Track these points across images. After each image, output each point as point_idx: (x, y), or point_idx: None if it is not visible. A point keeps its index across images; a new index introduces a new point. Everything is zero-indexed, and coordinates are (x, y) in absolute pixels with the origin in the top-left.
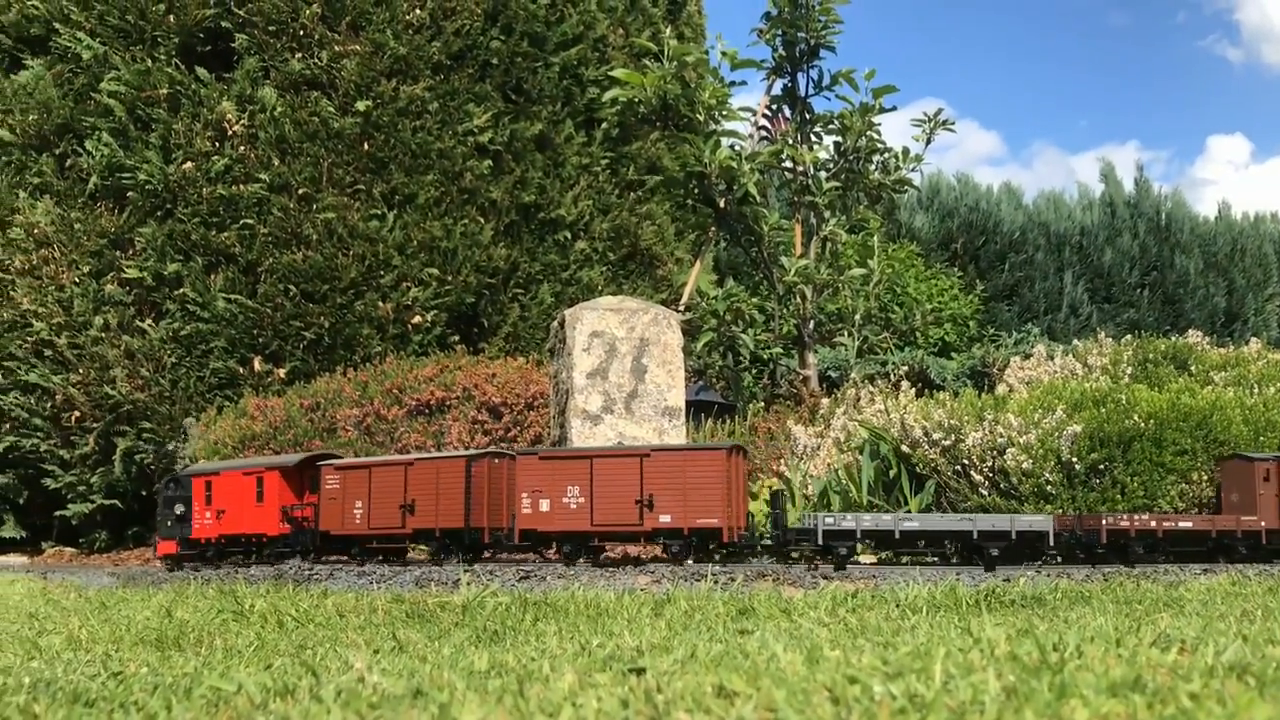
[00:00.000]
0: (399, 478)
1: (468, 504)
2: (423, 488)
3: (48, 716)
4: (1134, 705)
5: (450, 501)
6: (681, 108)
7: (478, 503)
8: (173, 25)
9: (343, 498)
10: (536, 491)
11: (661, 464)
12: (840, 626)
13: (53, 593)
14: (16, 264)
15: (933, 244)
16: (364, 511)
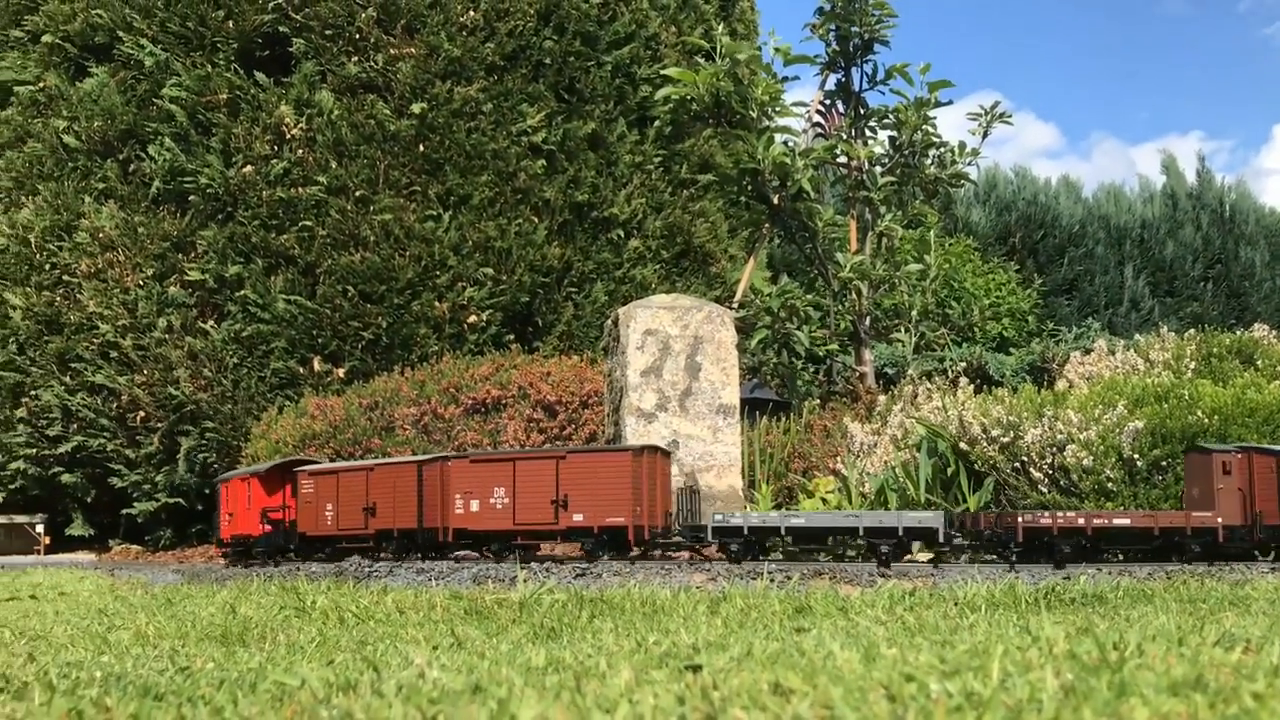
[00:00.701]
0: (362, 482)
1: (420, 506)
2: (382, 491)
3: (119, 710)
4: (1195, 705)
5: (405, 503)
6: (734, 104)
7: (430, 504)
8: (231, 31)
9: (316, 501)
10: (468, 493)
11: (575, 466)
12: (897, 625)
13: (120, 589)
14: (83, 267)
15: (990, 238)
16: (334, 514)
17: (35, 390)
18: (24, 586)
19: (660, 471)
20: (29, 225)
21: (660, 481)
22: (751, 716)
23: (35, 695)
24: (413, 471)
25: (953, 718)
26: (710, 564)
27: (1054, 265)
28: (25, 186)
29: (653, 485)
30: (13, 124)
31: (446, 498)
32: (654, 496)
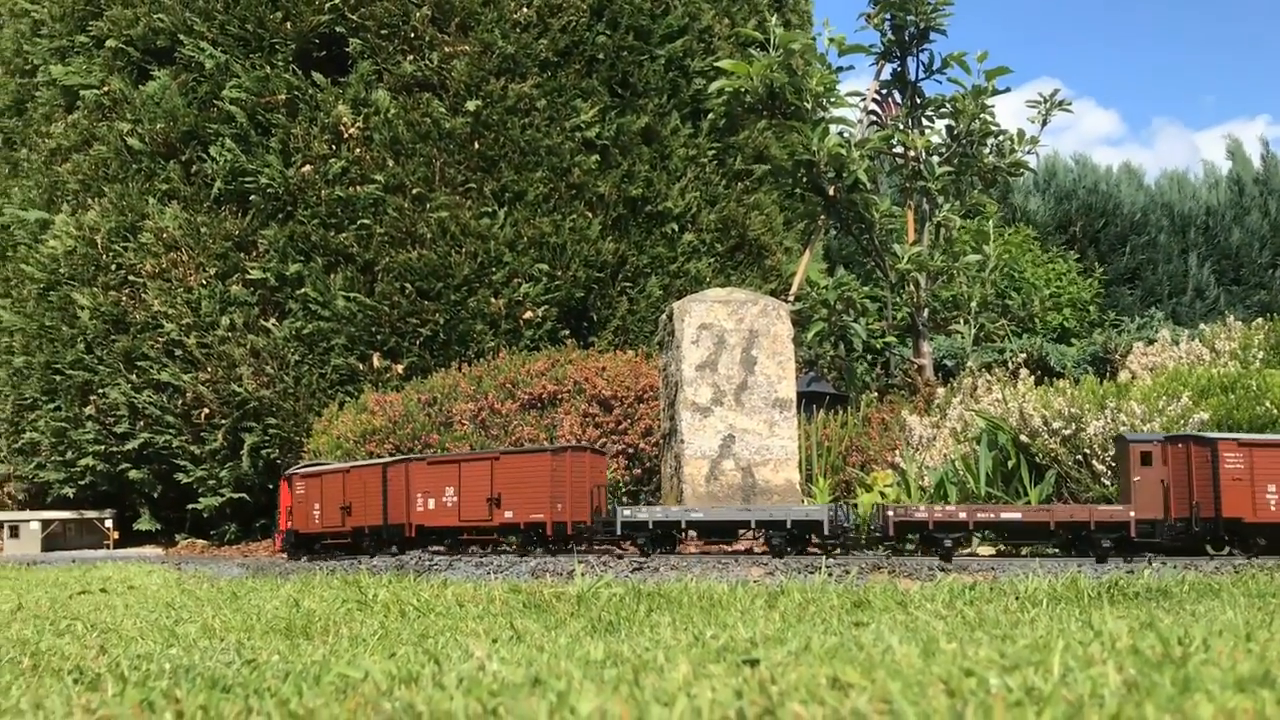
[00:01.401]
0: (340, 483)
1: (385, 504)
2: (356, 491)
3: (189, 701)
4: (1262, 701)
5: (374, 502)
6: (789, 96)
7: (395, 503)
8: (289, 32)
9: (306, 501)
10: (426, 492)
11: (506, 466)
12: (958, 619)
13: (187, 583)
14: (147, 267)
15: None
16: (320, 512)
17: (103, 388)
18: (95, 580)
19: (589, 469)
20: (95, 227)
21: (589, 478)
22: (809, 711)
23: (108, 686)
24: (379, 473)
25: (1012, 713)
26: (767, 559)
27: (1116, 254)
28: (91, 189)
29: (579, 482)
30: (79, 127)
31: (410, 496)
32: (578, 494)
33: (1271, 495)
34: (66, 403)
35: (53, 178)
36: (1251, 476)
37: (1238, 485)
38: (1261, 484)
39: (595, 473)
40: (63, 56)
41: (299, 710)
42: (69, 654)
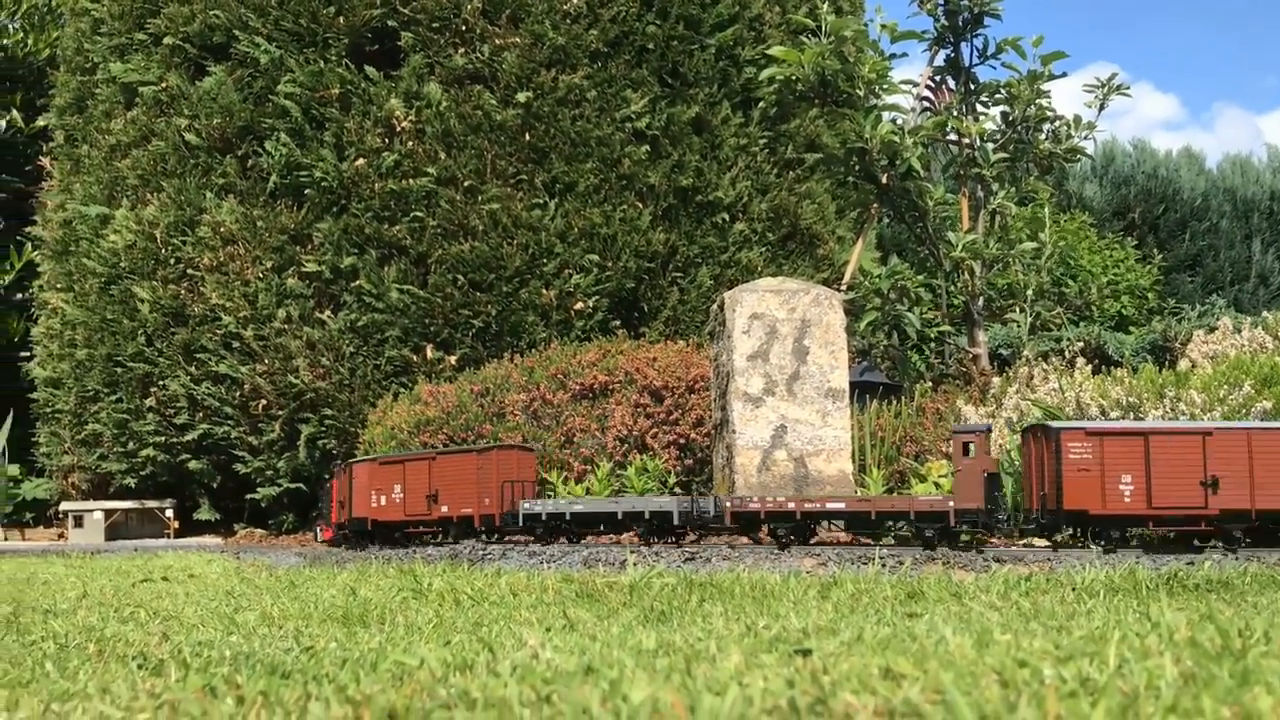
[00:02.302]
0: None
1: (350, 500)
2: (343, 488)
3: (249, 687)
4: None
5: (345, 498)
6: (840, 83)
7: (359, 499)
8: (342, 27)
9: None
10: (379, 490)
11: (442, 465)
12: (1012, 610)
13: (245, 572)
14: (205, 261)
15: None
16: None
17: (163, 380)
18: (156, 569)
19: (516, 466)
20: (154, 221)
21: (515, 474)
22: (861, 700)
23: (171, 672)
24: (345, 472)
25: (1066, 704)
26: (821, 549)
27: (1175, 240)
28: (150, 184)
29: (503, 478)
30: (138, 124)
31: (365, 493)
32: (503, 489)
33: (1126, 486)
34: (128, 394)
35: (113, 173)
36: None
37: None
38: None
39: (522, 469)
40: (122, 54)
41: (356, 696)
42: (133, 640)
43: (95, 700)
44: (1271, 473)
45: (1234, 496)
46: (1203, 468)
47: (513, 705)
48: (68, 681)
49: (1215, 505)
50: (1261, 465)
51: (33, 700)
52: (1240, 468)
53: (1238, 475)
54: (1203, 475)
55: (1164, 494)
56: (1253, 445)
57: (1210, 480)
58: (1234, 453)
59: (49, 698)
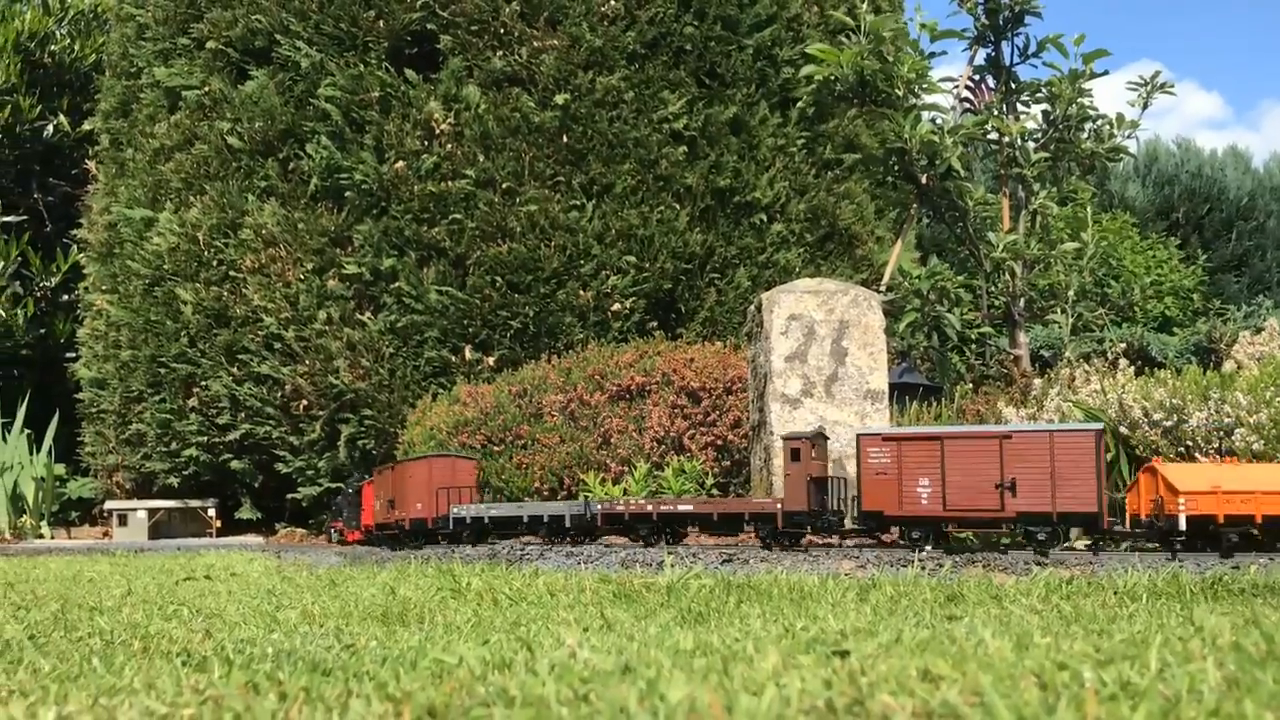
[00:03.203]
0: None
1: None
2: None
3: (291, 683)
4: None
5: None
6: (879, 83)
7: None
8: (382, 30)
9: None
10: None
11: (399, 474)
12: (1053, 614)
13: (286, 570)
14: (247, 263)
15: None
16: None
17: (205, 381)
18: (199, 567)
19: (452, 472)
20: (197, 223)
21: (452, 480)
22: (899, 702)
23: (215, 668)
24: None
25: (1106, 707)
26: (860, 551)
27: (1221, 240)
28: (193, 187)
29: (448, 483)
30: (181, 127)
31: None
32: (437, 494)
33: (924, 489)
34: (171, 395)
35: (157, 176)
36: (899, 470)
37: (882, 480)
38: (911, 478)
39: (462, 475)
40: (165, 59)
41: (397, 694)
42: (177, 637)
43: (141, 695)
44: (1074, 474)
45: (1033, 499)
46: (999, 470)
47: (551, 704)
48: (114, 677)
49: (1012, 508)
50: (1064, 467)
51: (80, 695)
52: (1041, 470)
53: (1038, 478)
54: (999, 478)
55: (959, 497)
56: (1055, 447)
57: (1008, 483)
58: (1034, 455)
59: (96, 692)
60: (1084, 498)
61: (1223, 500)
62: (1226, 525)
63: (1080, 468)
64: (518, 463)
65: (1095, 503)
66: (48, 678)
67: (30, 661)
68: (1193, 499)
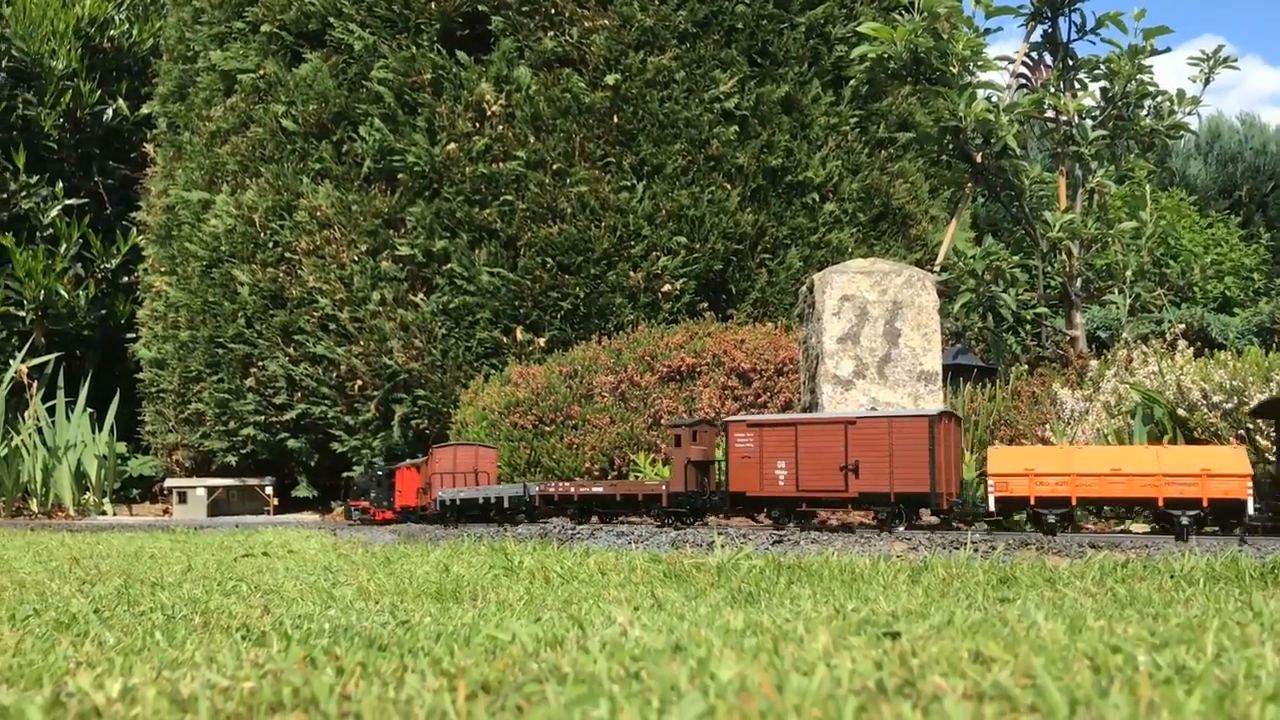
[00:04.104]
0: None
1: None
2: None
3: (348, 658)
4: None
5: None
6: (933, 60)
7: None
8: (434, 12)
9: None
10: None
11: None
12: (1108, 597)
13: (342, 548)
14: (302, 245)
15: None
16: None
17: (262, 361)
18: (257, 544)
19: (484, 459)
20: (253, 206)
21: (480, 465)
22: (950, 683)
23: (273, 643)
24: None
25: (1160, 690)
26: (912, 534)
27: None
28: (249, 169)
29: (471, 469)
30: (237, 110)
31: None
32: (468, 478)
33: (781, 471)
34: (229, 375)
35: (213, 159)
36: (760, 454)
37: (746, 462)
38: (770, 461)
39: (484, 462)
40: (221, 42)
41: (451, 669)
42: (236, 613)
43: (203, 668)
44: (909, 457)
45: (873, 481)
46: (844, 454)
47: (602, 680)
48: (176, 650)
49: (855, 488)
50: (901, 451)
51: (144, 667)
52: (881, 453)
53: (878, 461)
54: (844, 461)
55: (810, 478)
56: (893, 432)
57: (851, 465)
58: (875, 440)
59: (159, 665)
60: (918, 479)
61: (1035, 482)
62: (1040, 506)
63: (915, 451)
64: (569, 443)
65: (928, 483)
66: (113, 650)
67: (96, 635)
68: (1002, 481)
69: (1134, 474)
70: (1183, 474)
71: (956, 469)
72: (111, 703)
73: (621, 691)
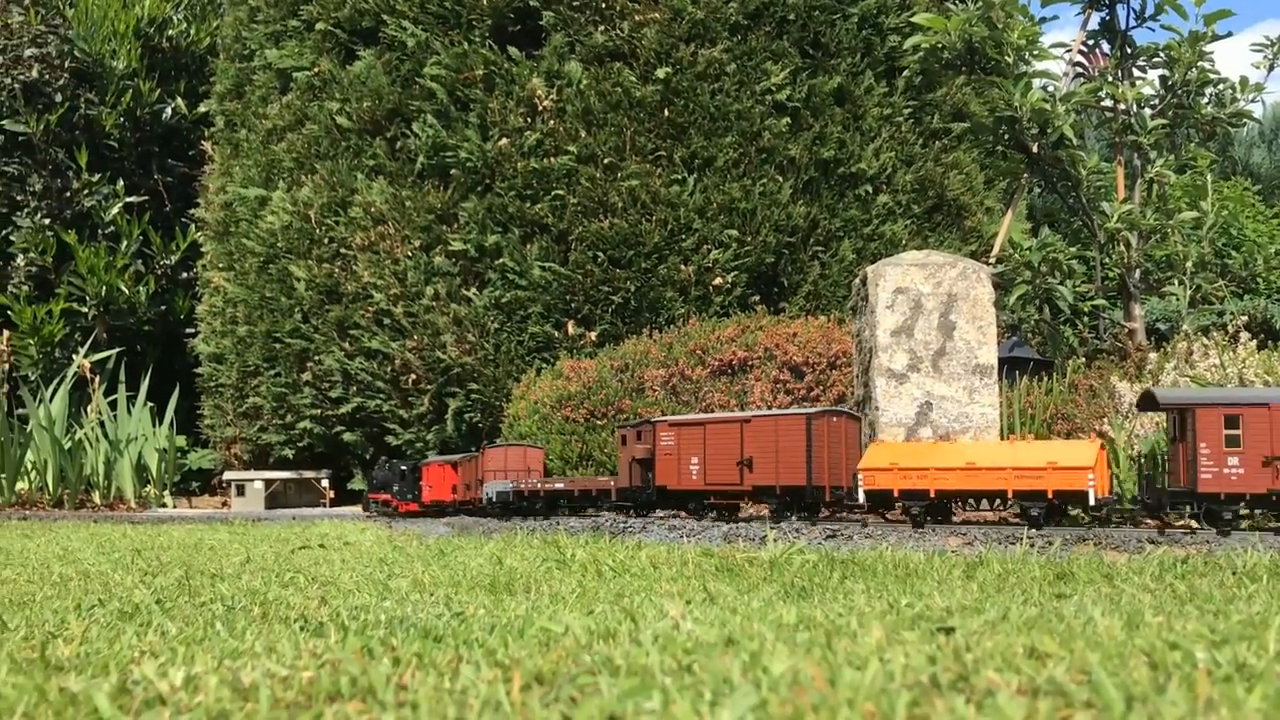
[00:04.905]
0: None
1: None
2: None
3: (404, 649)
4: None
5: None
6: (988, 50)
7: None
8: (486, 8)
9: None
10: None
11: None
12: (1167, 593)
13: (397, 540)
14: (357, 240)
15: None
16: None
17: (318, 356)
18: (314, 536)
19: (531, 459)
20: (309, 202)
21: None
22: (1004, 678)
23: (331, 634)
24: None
25: (1219, 688)
26: (966, 528)
27: None
28: (304, 166)
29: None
30: (292, 108)
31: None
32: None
33: (694, 466)
34: (286, 369)
35: (269, 156)
36: (679, 451)
37: (668, 459)
38: (686, 457)
39: (532, 461)
40: (277, 40)
41: (505, 660)
42: (294, 604)
43: (262, 658)
44: (792, 454)
45: (764, 475)
46: (740, 450)
47: (655, 673)
48: (236, 640)
49: (749, 482)
50: (785, 447)
51: (206, 657)
52: (769, 450)
53: (767, 457)
54: (740, 457)
55: (714, 473)
56: (778, 431)
57: (746, 461)
58: (765, 438)
59: (220, 654)
60: (798, 473)
61: (899, 476)
62: (904, 499)
63: (796, 448)
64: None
65: (805, 478)
66: (175, 640)
67: (158, 625)
68: (870, 475)
69: (986, 468)
70: (1030, 467)
71: (846, 464)
72: (175, 691)
73: (674, 684)
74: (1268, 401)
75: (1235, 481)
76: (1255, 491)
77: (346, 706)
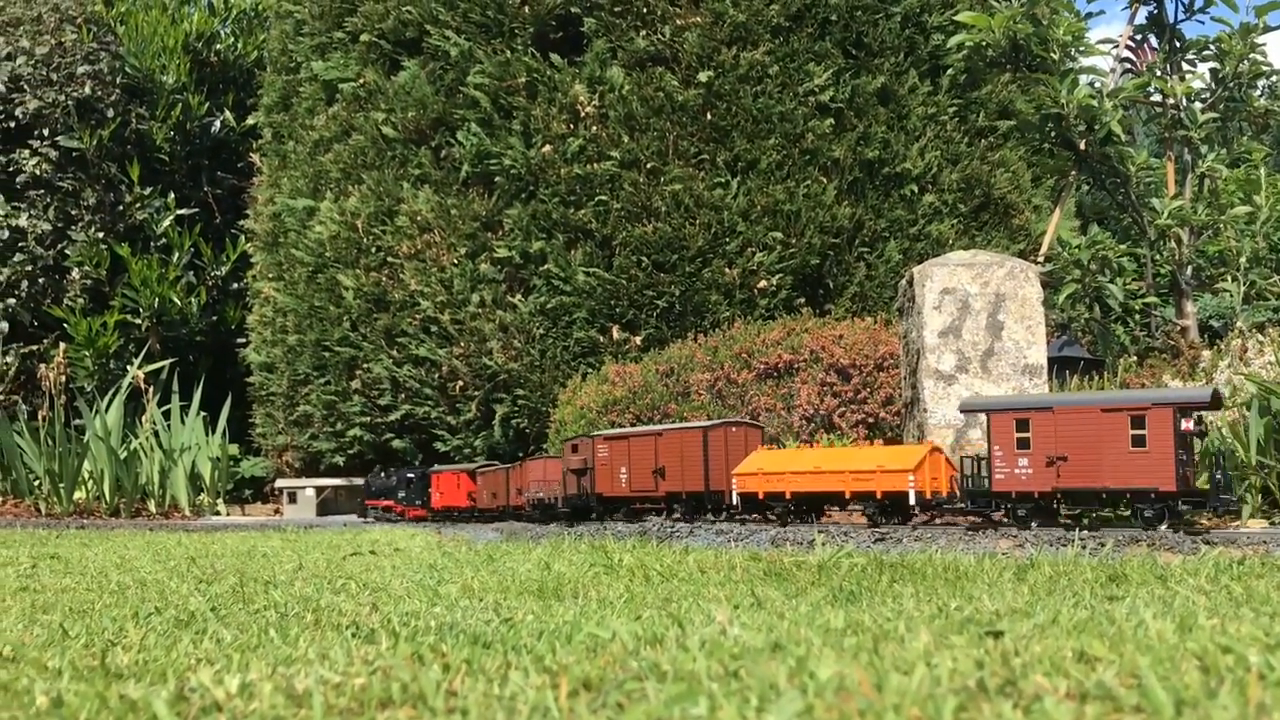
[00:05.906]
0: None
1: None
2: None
3: (454, 655)
4: None
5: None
6: (1033, 47)
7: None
8: (527, 16)
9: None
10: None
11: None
12: (1222, 595)
13: (446, 546)
14: (404, 249)
15: None
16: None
17: (367, 363)
18: (364, 543)
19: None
20: (356, 212)
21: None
22: (1053, 683)
23: (382, 640)
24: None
25: (1271, 692)
26: (1017, 531)
27: None
28: (351, 176)
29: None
30: (339, 119)
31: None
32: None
33: (623, 475)
34: (335, 377)
35: (317, 167)
36: (612, 462)
37: (604, 469)
38: (617, 468)
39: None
40: (322, 53)
41: (553, 666)
42: (345, 610)
43: (315, 665)
44: (693, 463)
45: (674, 482)
46: (655, 460)
47: (701, 679)
48: (290, 647)
49: (663, 489)
50: (688, 457)
51: (260, 663)
52: (676, 460)
53: (675, 466)
54: (655, 466)
55: (636, 481)
56: (683, 442)
57: (659, 470)
58: (673, 449)
59: (274, 661)
60: (696, 480)
61: (763, 480)
62: (768, 500)
63: (696, 457)
64: None
65: (702, 484)
66: (230, 647)
67: (214, 632)
68: (741, 480)
69: (829, 471)
70: (863, 470)
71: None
72: (231, 698)
73: (720, 689)
74: (1052, 405)
75: (1025, 480)
76: (1042, 490)
77: (398, 713)
